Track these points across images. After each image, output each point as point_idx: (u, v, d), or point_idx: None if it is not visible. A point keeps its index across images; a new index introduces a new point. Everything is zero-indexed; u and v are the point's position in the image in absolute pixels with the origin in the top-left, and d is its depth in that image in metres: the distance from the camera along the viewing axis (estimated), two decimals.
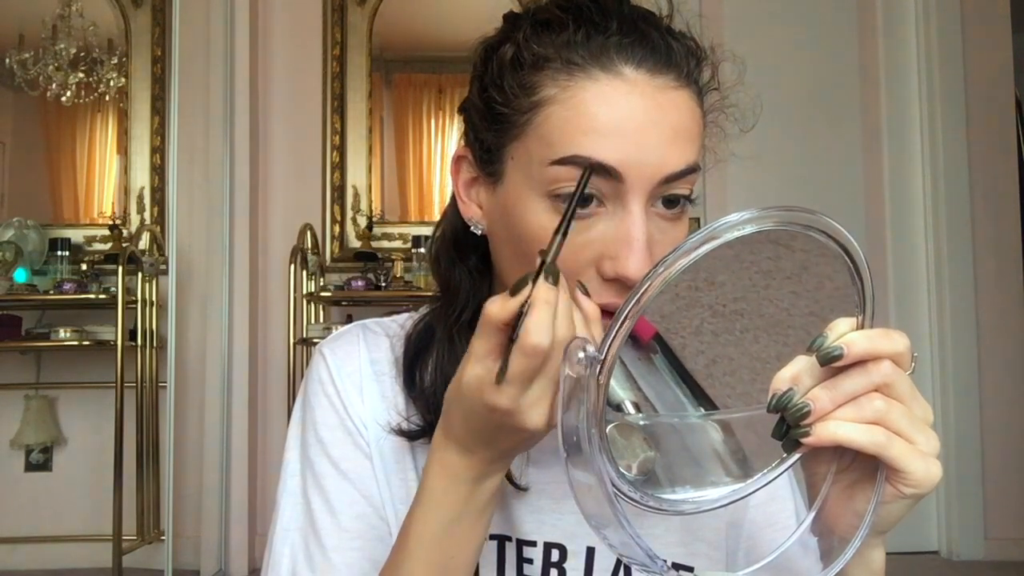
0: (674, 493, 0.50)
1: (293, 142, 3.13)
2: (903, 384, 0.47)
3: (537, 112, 0.60)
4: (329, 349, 0.72)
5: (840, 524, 0.51)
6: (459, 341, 0.67)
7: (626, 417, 0.51)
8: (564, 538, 0.68)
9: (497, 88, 0.62)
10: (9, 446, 2.99)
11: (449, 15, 3.29)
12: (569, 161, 0.58)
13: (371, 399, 0.69)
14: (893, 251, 3.06)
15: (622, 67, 0.59)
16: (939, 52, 3.03)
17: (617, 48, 0.59)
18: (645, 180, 0.58)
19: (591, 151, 0.57)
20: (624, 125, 0.58)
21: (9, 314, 2.89)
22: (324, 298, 2.98)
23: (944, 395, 2.95)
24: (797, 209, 0.47)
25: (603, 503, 0.45)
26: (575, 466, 0.47)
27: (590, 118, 0.58)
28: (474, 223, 0.67)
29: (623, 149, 0.57)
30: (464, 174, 0.67)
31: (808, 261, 0.49)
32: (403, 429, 0.67)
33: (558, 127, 0.59)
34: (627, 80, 0.59)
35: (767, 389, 0.49)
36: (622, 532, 0.45)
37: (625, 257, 0.57)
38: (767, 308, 0.51)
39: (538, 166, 0.59)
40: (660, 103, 0.59)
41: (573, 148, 0.58)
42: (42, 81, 3.17)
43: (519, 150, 0.61)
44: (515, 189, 0.62)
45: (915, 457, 0.47)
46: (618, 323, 0.46)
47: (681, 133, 0.60)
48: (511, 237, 0.63)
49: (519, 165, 0.61)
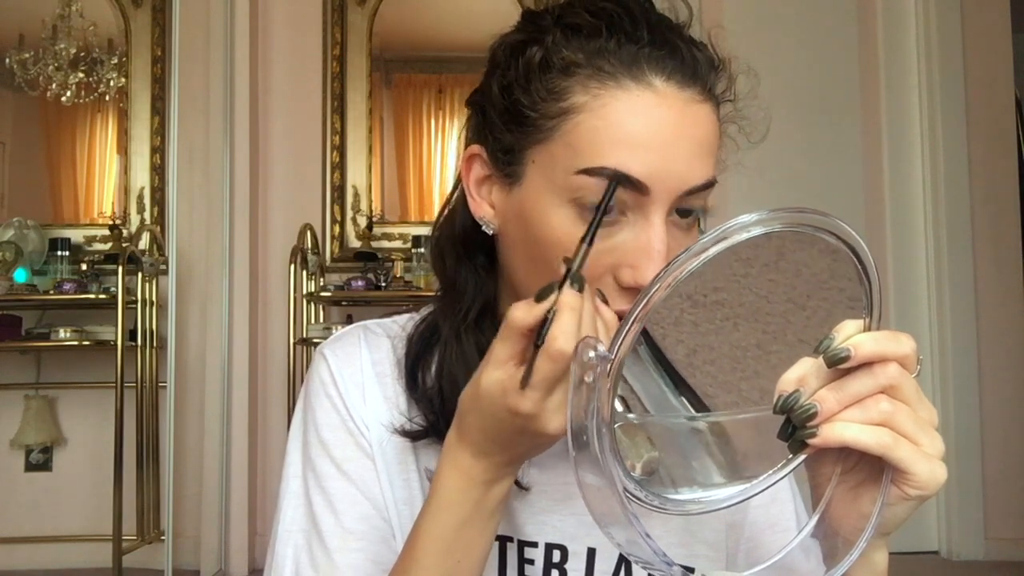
0: (678, 493, 0.50)
1: (293, 142, 3.13)
2: (909, 386, 0.47)
3: (566, 119, 0.60)
4: (330, 350, 0.71)
5: (845, 526, 0.51)
6: (465, 339, 0.67)
7: (629, 416, 0.51)
8: (565, 539, 0.68)
9: (523, 90, 0.62)
10: (9, 446, 2.99)
11: (449, 15, 3.29)
12: (598, 172, 0.58)
13: (373, 400, 0.69)
14: (893, 251, 3.06)
15: (653, 78, 0.59)
16: (939, 52, 3.03)
17: (648, 59, 0.59)
18: (669, 193, 0.58)
19: (620, 163, 0.57)
20: (654, 138, 0.58)
21: (9, 314, 2.89)
22: (324, 298, 2.98)
23: (944, 395, 2.95)
24: (807, 211, 0.47)
25: (611, 502, 0.45)
26: (583, 465, 0.47)
27: (621, 129, 0.58)
28: (485, 222, 0.66)
29: (651, 162, 0.58)
30: (476, 171, 0.67)
31: (784, 248, 0.49)
32: (406, 429, 0.67)
33: (587, 136, 0.59)
34: (657, 92, 0.59)
35: (747, 378, 0.49)
36: (630, 530, 0.45)
37: (645, 267, 0.58)
38: (746, 296, 0.51)
39: (563, 172, 0.59)
40: (688, 116, 0.59)
41: (602, 159, 0.58)
42: (42, 81, 3.17)
43: (543, 154, 0.61)
44: (536, 193, 0.61)
45: (921, 459, 0.47)
46: (628, 323, 0.46)
47: (705, 147, 0.60)
48: (527, 239, 0.62)
49: (542, 169, 0.61)
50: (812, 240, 0.48)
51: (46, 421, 2.98)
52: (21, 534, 2.94)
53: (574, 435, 0.47)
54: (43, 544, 2.93)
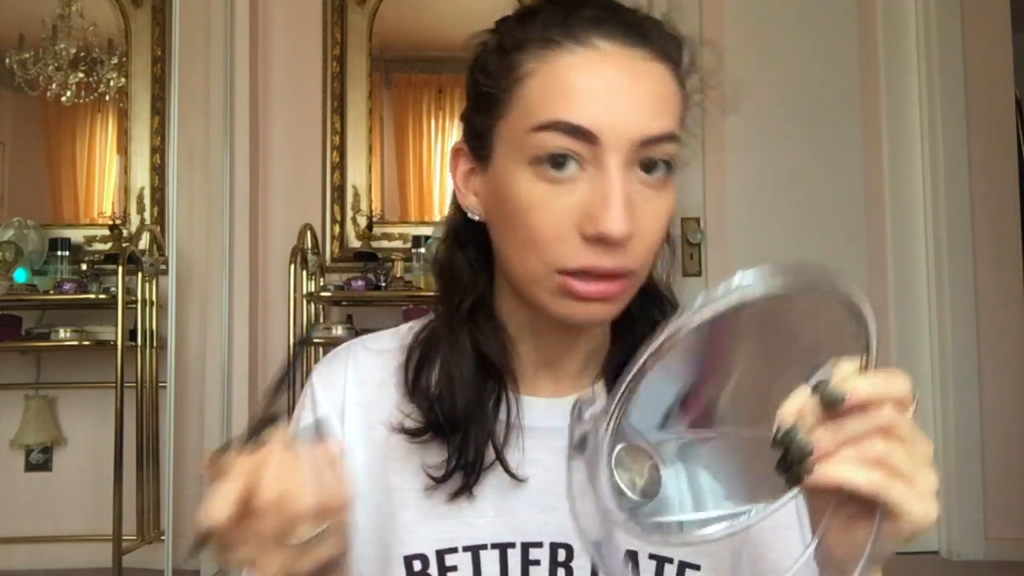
0: (675, 517, 0.50)
1: (293, 142, 3.13)
2: (904, 425, 0.48)
3: (520, 86, 0.63)
4: (317, 374, 0.75)
5: (839, 553, 0.51)
6: (460, 332, 0.70)
7: (632, 439, 0.51)
8: (571, 537, 0.68)
9: (484, 73, 0.66)
10: (9, 446, 2.98)
11: (449, 15, 3.29)
12: (549, 126, 0.60)
13: (352, 421, 0.73)
14: (893, 251, 3.06)
15: (597, 41, 0.62)
16: (939, 52, 3.03)
17: (592, 23, 0.62)
18: (621, 141, 0.60)
19: (568, 114, 0.60)
20: (600, 90, 0.61)
21: (9, 314, 2.89)
22: (324, 298, 2.98)
23: (944, 395, 2.95)
24: (790, 272, 0.46)
25: (600, 529, 0.47)
26: (578, 500, 0.48)
27: (568, 84, 0.61)
28: (471, 210, 0.69)
29: (597, 111, 0.60)
30: (462, 166, 0.70)
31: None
32: (404, 427, 0.70)
33: (537, 95, 0.62)
34: (602, 51, 0.62)
35: (747, 403, 0.50)
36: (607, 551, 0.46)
37: (603, 215, 0.59)
38: (746, 339, 0.51)
39: (521, 135, 0.62)
40: (634, 72, 0.62)
41: (552, 113, 0.61)
42: (42, 81, 3.17)
43: (505, 129, 0.65)
44: (503, 164, 0.64)
45: (913, 499, 0.48)
46: (620, 392, 0.46)
47: (657, 100, 0.62)
48: (503, 215, 0.65)
49: (506, 142, 0.64)
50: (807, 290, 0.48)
51: (46, 421, 2.98)
52: (21, 534, 2.93)
53: (574, 482, 0.49)
54: (43, 544, 2.92)
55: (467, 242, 0.72)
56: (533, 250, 0.62)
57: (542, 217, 0.61)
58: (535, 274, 0.63)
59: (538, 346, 0.72)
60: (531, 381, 0.73)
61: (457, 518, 0.69)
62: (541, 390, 0.73)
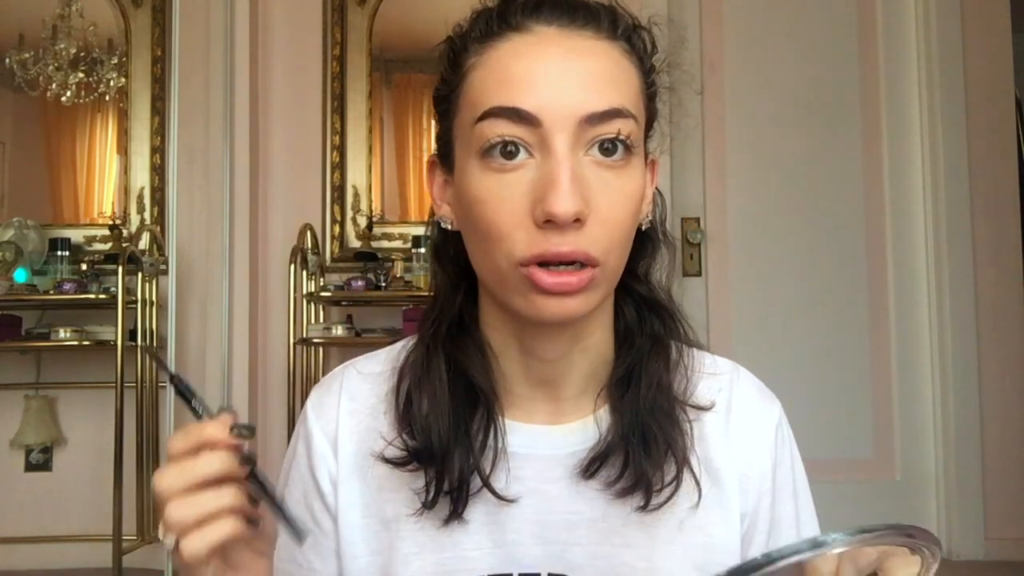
0: None
1: (293, 142, 3.13)
2: None
3: (464, 83, 0.64)
4: (311, 404, 0.74)
5: None
6: (436, 353, 0.68)
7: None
8: (570, 568, 0.67)
9: (441, 80, 0.67)
10: (9, 446, 2.98)
11: (449, 15, 3.26)
12: (489, 113, 0.60)
13: (346, 455, 0.72)
14: (893, 251, 3.05)
15: (533, 25, 0.62)
16: (939, 52, 3.02)
17: (529, 10, 0.63)
18: (564, 121, 0.59)
19: (507, 99, 0.60)
20: (537, 73, 0.60)
21: (9, 314, 2.89)
22: (324, 298, 2.98)
23: (944, 395, 2.95)
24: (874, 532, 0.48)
25: None
26: None
27: (505, 71, 0.61)
28: (444, 220, 0.69)
29: (536, 94, 0.59)
30: (437, 178, 0.70)
31: None
32: (386, 457, 0.69)
33: (478, 88, 0.62)
34: (538, 35, 0.62)
35: None
36: None
37: (549, 196, 0.58)
38: None
39: (468, 130, 0.62)
40: (574, 52, 0.61)
41: (491, 100, 0.60)
42: (42, 81, 3.17)
43: (457, 127, 0.65)
44: (460, 164, 0.64)
45: None
46: None
47: (601, 77, 0.61)
48: (466, 214, 0.64)
49: (460, 142, 0.65)
50: None
51: (46, 421, 2.98)
52: (21, 534, 2.93)
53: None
54: (43, 544, 2.92)
55: (445, 257, 0.71)
56: (492, 244, 0.61)
57: (496, 208, 0.60)
58: (501, 271, 0.62)
59: (527, 364, 0.69)
60: (526, 404, 0.70)
61: (453, 551, 0.67)
62: (538, 416, 0.70)
